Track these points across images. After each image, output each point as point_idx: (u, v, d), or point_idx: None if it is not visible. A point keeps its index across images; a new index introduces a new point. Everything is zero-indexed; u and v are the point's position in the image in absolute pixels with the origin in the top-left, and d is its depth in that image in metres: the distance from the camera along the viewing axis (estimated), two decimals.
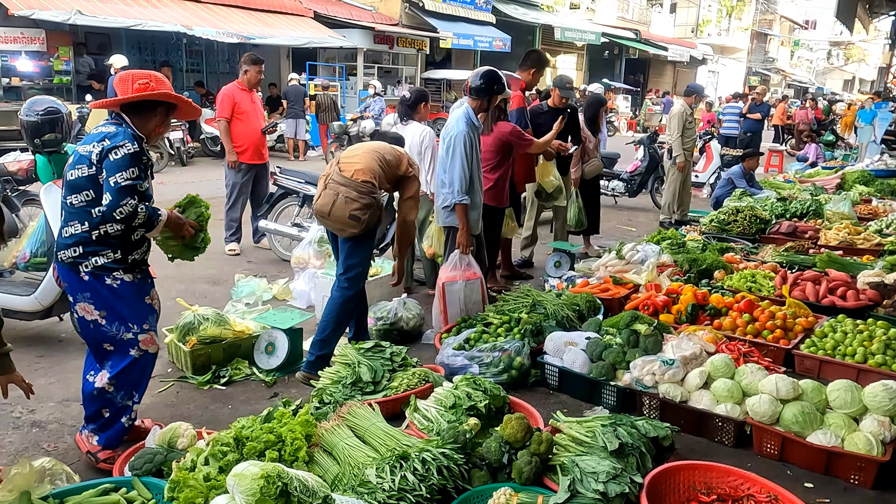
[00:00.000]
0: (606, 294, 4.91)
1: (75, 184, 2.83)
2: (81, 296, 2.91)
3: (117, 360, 2.99)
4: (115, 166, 2.75)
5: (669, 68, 34.87)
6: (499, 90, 4.61)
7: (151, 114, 2.94)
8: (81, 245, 2.85)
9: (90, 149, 2.81)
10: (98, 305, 2.90)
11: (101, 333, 2.95)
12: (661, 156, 10.14)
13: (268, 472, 2.06)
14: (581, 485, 2.60)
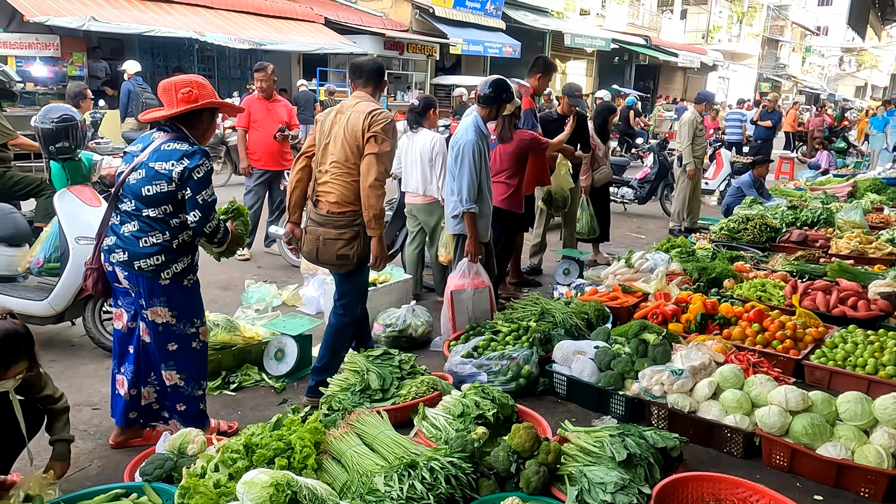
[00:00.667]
0: (615, 302, 4.91)
1: (154, 198, 2.99)
2: (157, 300, 3.07)
3: (181, 355, 3.20)
4: (199, 185, 2.98)
5: (680, 74, 34.81)
6: (507, 98, 4.63)
7: (199, 120, 3.11)
8: (163, 253, 3.03)
9: (169, 167, 2.96)
10: (171, 307, 3.10)
11: (170, 334, 3.14)
12: (670, 163, 10.13)
13: (277, 480, 2.07)
14: (589, 495, 2.60)
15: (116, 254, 3.06)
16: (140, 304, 3.12)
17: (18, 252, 4.49)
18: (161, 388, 3.28)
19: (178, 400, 3.27)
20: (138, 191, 2.99)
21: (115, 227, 3.10)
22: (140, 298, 3.10)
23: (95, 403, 3.80)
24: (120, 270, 3.08)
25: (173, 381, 3.23)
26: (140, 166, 3.02)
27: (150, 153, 3.01)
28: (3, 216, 4.49)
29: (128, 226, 3.04)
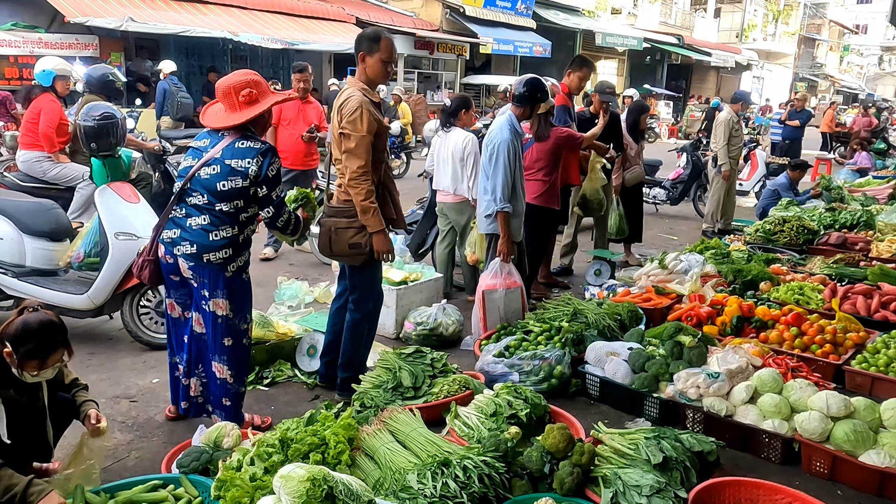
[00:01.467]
0: (648, 304, 4.85)
1: (228, 193, 3.08)
2: (220, 292, 3.16)
3: (234, 351, 3.27)
4: (273, 182, 3.12)
5: (713, 74, 34.26)
6: (542, 98, 4.61)
7: (259, 117, 3.17)
8: (231, 247, 3.13)
9: (245, 164, 3.06)
10: (231, 300, 3.19)
11: (227, 328, 3.22)
12: (704, 163, 9.98)
13: (314, 475, 2.09)
14: (624, 497, 2.57)
15: (183, 247, 3.13)
16: (203, 296, 3.19)
17: (59, 247, 4.60)
18: (208, 381, 3.36)
19: (225, 394, 3.34)
20: (213, 186, 3.07)
21: (179, 221, 3.16)
22: (203, 289, 3.17)
23: (133, 396, 3.87)
24: (185, 262, 3.14)
25: (224, 376, 3.30)
26: (213, 162, 3.08)
27: (224, 150, 3.08)
28: (44, 211, 4.61)
29: (196, 219, 3.11)
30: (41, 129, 5.77)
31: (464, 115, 5.42)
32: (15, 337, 2.49)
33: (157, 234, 3.25)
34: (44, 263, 4.52)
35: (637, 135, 7.00)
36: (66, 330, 2.64)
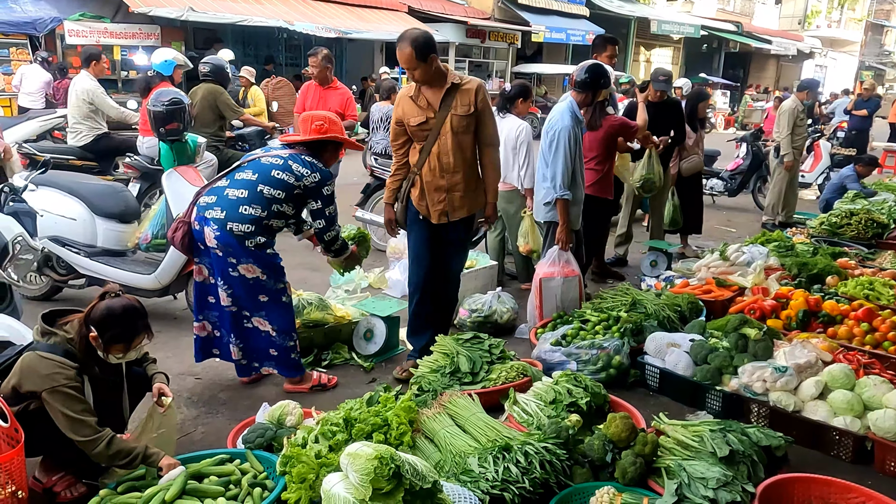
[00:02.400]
0: (709, 296, 4.74)
1: (276, 181, 3.40)
2: (245, 260, 3.41)
3: (272, 306, 3.53)
4: (328, 200, 3.51)
5: (772, 63, 33.09)
6: (604, 84, 4.53)
7: (324, 149, 3.58)
8: (254, 225, 3.39)
9: (304, 172, 3.43)
10: (260, 266, 3.45)
11: (260, 286, 3.48)
12: (765, 154, 9.66)
13: (381, 454, 2.11)
14: (689, 490, 2.53)
15: (213, 211, 3.39)
16: (230, 263, 3.43)
17: (128, 228, 4.77)
18: (248, 339, 3.59)
19: (271, 345, 3.58)
20: (268, 170, 3.40)
21: (219, 190, 3.47)
22: (230, 258, 3.42)
23: (198, 373, 3.99)
24: (211, 231, 3.37)
25: (266, 329, 3.55)
26: (278, 157, 3.44)
27: (292, 155, 3.46)
28: (115, 194, 4.78)
29: (237, 191, 3.40)
30: None
31: (521, 103, 5.36)
32: (100, 322, 2.60)
33: (195, 199, 3.52)
34: (113, 244, 4.69)
35: (695, 123, 6.80)
36: (147, 314, 2.74)
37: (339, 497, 2.11)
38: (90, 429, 2.52)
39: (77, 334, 2.62)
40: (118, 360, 2.68)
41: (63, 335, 2.61)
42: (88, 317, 2.63)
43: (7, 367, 2.66)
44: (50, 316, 2.71)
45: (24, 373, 2.54)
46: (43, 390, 2.50)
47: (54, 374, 2.50)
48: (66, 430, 2.51)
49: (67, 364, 2.54)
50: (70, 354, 2.59)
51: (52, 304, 4.92)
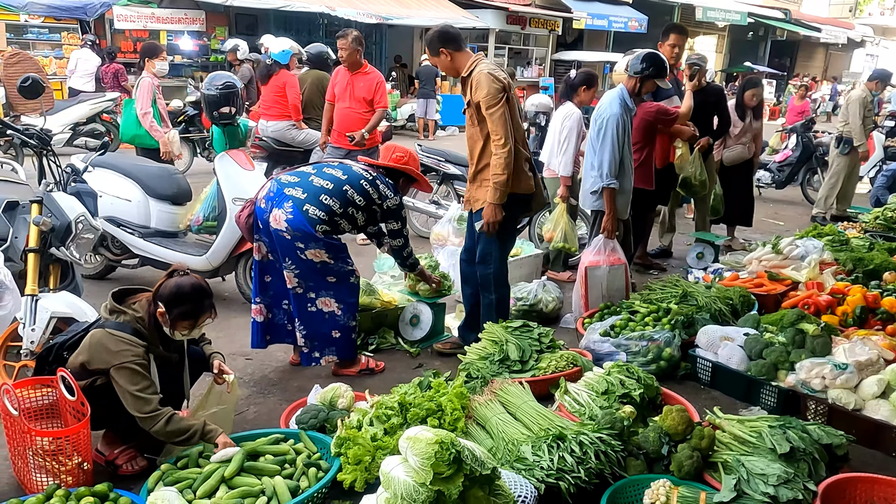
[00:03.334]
0: (760, 290, 4.63)
1: (362, 190, 3.55)
2: (314, 244, 3.48)
3: (340, 287, 3.61)
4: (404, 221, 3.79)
5: (820, 51, 32.08)
6: (656, 74, 4.44)
7: (398, 180, 3.75)
8: (328, 216, 3.47)
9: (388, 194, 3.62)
10: (328, 250, 3.51)
11: (328, 269, 3.55)
12: (816, 145, 9.39)
13: (442, 439, 2.12)
14: (748, 486, 2.48)
15: (294, 190, 3.48)
16: (298, 247, 3.48)
17: (180, 210, 4.86)
18: (313, 323, 3.64)
19: (335, 327, 3.64)
20: (357, 178, 3.56)
21: (304, 174, 3.57)
22: (298, 242, 3.46)
23: (248, 354, 4.06)
24: (284, 209, 3.43)
25: (331, 308, 3.62)
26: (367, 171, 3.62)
27: (378, 175, 3.64)
28: (168, 177, 4.86)
29: (322, 181, 3.51)
30: (291, 101, 6.53)
31: (583, 91, 5.27)
32: (169, 298, 2.65)
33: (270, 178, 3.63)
34: (166, 226, 4.78)
35: (743, 112, 6.57)
36: (213, 294, 2.80)
37: (399, 480, 2.13)
38: (152, 406, 2.58)
39: (145, 311, 2.68)
40: (183, 336, 2.74)
41: (132, 314, 2.67)
42: (157, 293, 2.68)
43: (74, 342, 2.74)
44: (119, 294, 2.78)
45: (93, 349, 2.61)
46: (111, 367, 2.56)
47: (123, 351, 2.57)
48: (129, 405, 2.58)
49: (136, 342, 2.61)
50: (138, 333, 2.65)
51: (106, 282, 5.05)
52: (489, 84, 3.45)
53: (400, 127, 15.03)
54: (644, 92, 4.54)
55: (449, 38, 3.63)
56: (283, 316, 3.77)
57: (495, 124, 3.47)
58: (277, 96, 6.56)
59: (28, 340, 3.09)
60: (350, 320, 3.68)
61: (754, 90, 6.56)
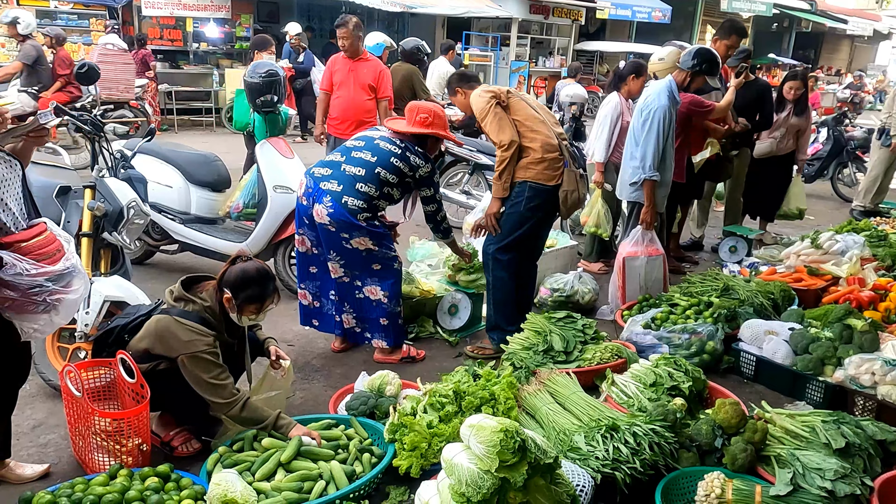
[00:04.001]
0: (799, 284, 4.60)
1: (394, 168, 3.57)
2: (357, 233, 3.54)
3: (385, 274, 3.68)
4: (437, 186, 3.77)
5: (846, 43, 31.57)
6: (708, 71, 4.41)
7: (425, 141, 3.71)
8: (367, 202, 3.53)
9: (419, 163, 3.62)
10: (372, 238, 3.58)
11: (373, 257, 3.63)
12: (847, 139, 9.27)
13: (506, 427, 2.13)
14: (804, 480, 2.48)
15: (330, 184, 3.52)
16: (342, 238, 3.56)
17: (220, 197, 4.90)
18: (362, 309, 3.75)
19: (382, 315, 3.73)
20: (387, 156, 3.56)
21: (335, 164, 3.61)
22: (342, 232, 3.54)
23: (290, 340, 4.10)
24: (324, 204, 3.51)
25: (377, 297, 3.69)
26: (394, 145, 3.60)
27: (407, 145, 3.61)
28: (207, 163, 4.90)
29: (354, 168, 3.55)
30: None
31: (632, 80, 5.22)
32: (235, 284, 2.69)
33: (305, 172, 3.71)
34: (206, 212, 4.82)
35: (781, 105, 6.46)
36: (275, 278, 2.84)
37: (463, 467, 2.15)
38: (228, 391, 2.63)
39: (213, 300, 2.71)
40: (250, 321, 2.78)
41: (201, 303, 2.71)
42: (222, 280, 2.72)
43: (135, 326, 2.78)
44: (185, 283, 2.81)
45: (161, 337, 2.65)
46: (181, 355, 2.60)
47: (194, 341, 2.61)
48: (204, 393, 2.63)
49: (206, 331, 2.65)
50: (206, 322, 2.69)
51: (145, 267, 5.10)
52: (476, 101, 3.71)
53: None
54: (693, 87, 4.50)
55: (463, 78, 3.96)
56: (332, 306, 3.83)
57: (490, 132, 3.70)
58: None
59: (82, 323, 3.14)
60: (395, 306, 3.72)
61: (793, 83, 6.26)
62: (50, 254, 2.33)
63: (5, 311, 2.24)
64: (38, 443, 2.94)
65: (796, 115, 6.07)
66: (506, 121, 3.65)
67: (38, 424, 3.07)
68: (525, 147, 3.68)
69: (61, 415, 3.06)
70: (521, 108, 3.74)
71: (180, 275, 2.86)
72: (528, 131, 3.70)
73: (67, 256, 2.36)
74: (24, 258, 2.23)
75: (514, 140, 3.64)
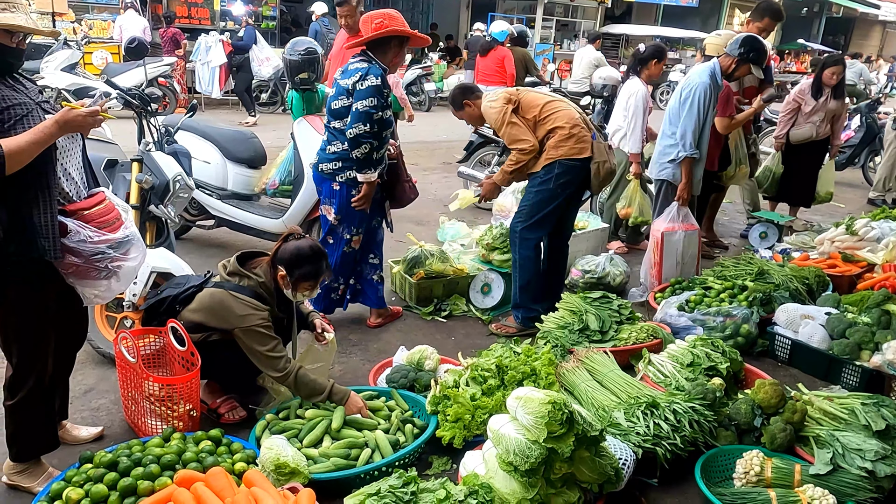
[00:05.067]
0: (834, 270, 4.58)
1: (338, 112, 3.46)
2: (329, 201, 3.61)
3: (332, 250, 3.69)
4: (360, 95, 3.36)
5: (877, 29, 30.86)
6: (755, 60, 4.36)
7: (387, 47, 3.46)
8: (341, 160, 3.50)
9: (348, 82, 3.39)
10: (337, 209, 3.60)
11: (331, 230, 3.69)
12: (880, 126, 9.12)
13: (554, 399, 2.18)
14: (843, 460, 2.51)
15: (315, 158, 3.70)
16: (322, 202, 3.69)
17: (256, 173, 4.96)
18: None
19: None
20: (330, 105, 3.50)
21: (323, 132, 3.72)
22: (321, 196, 3.68)
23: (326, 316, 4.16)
24: (314, 173, 3.69)
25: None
26: (335, 85, 3.49)
27: (341, 72, 3.50)
28: (245, 140, 4.96)
29: (326, 135, 3.60)
30: (508, 71, 7.97)
31: (654, 65, 5.19)
32: (290, 261, 2.76)
33: None
34: (242, 188, 4.89)
35: (818, 90, 6.36)
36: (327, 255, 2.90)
37: (510, 437, 2.20)
38: (283, 363, 2.71)
39: (267, 276, 2.78)
40: (304, 297, 2.85)
41: (256, 278, 2.78)
42: (276, 257, 2.78)
43: (186, 297, 2.85)
44: (239, 258, 2.88)
45: (217, 310, 2.72)
46: (236, 328, 2.68)
47: (249, 315, 2.68)
48: (261, 364, 2.71)
49: (260, 306, 2.72)
50: (260, 297, 2.76)
51: (181, 242, 5.19)
52: (490, 111, 3.73)
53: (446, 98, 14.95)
54: (737, 75, 4.45)
55: (467, 90, 3.93)
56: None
57: (510, 140, 3.70)
58: (497, 67, 8.01)
59: (131, 293, 3.22)
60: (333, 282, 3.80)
61: (835, 68, 6.10)
62: (110, 222, 2.39)
63: (69, 277, 2.31)
64: (90, 407, 3.04)
65: (834, 100, 5.98)
66: (521, 126, 3.68)
67: (90, 389, 3.17)
68: (551, 130, 3.68)
69: (111, 381, 3.17)
70: (533, 99, 3.76)
71: (216, 250, 2.93)
72: (549, 114, 3.70)
73: (126, 225, 2.43)
74: (86, 225, 2.30)
75: (534, 145, 3.67)
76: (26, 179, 2.12)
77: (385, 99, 3.44)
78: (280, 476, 2.31)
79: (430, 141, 10.52)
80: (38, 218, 2.15)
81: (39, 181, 2.16)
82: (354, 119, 3.34)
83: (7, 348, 2.31)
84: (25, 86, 2.26)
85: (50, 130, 2.13)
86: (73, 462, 2.42)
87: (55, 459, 2.54)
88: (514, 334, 3.94)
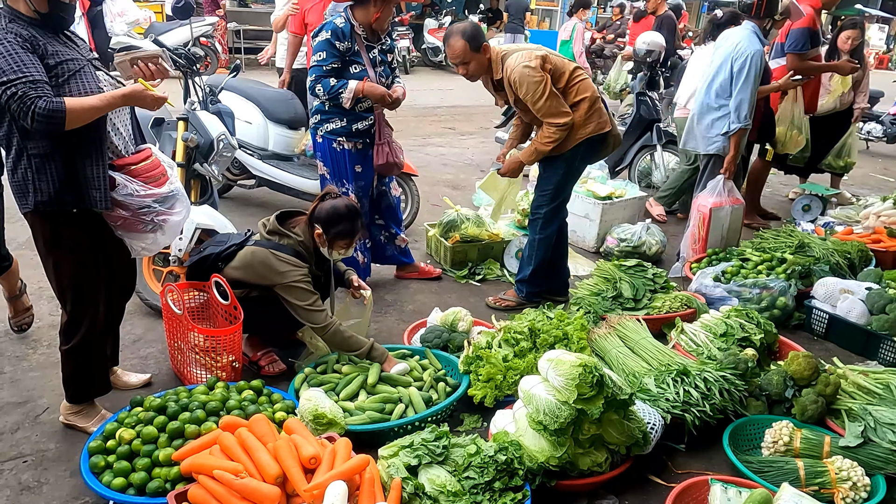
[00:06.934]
0: (878, 245, 4.48)
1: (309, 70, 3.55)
2: (318, 154, 3.75)
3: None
4: (314, 49, 3.49)
5: None
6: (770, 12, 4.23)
7: (367, 4, 3.45)
8: (319, 114, 3.63)
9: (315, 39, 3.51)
10: (325, 163, 3.72)
11: (325, 185, 3.68)
12: None
13: (585, 362, 2.22)
14: (874, 434, 2.50)
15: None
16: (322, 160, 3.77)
17: (296, 135, 5.02)
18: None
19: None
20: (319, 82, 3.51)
21: None
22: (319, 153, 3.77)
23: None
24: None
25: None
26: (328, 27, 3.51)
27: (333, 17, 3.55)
28: (285, 101, 5.01)
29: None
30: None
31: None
32: (327, 219, 2.82)
33: None
34: (282, 149, 4.96)
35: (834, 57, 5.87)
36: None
37: (541, 398, 2.25)
38: (323, 317, 2.80)
39: (306, 235, 2.86)
40: (340, 255, 2.92)
41: (295, 237, 2.86)
42: (313, 216, 2.85)
43: (229, 254, 2.95)
44: (279, 217, 2.96)
45: (257, 267, 2.82)
46: (278, 284, 2.77)
47: (290, 272, 2.77)
48: (302, 318, 2.81)
49: (299, 263, 2.81)
50: (299, 255, 2.84)
51: (222, 200, 5.32)
52: (527, 77, 3.26)
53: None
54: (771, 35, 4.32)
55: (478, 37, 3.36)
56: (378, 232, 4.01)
57: (548, 111, 3.31)
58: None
59: (176, 248, 3.34)
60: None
61: (851, 32, 5.64)
62: (156, 177, 2.47)
63: (118, 229, 2.41)
64: (138, 355, 3.19)
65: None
66: (560, 98, 3.33)
67: (138, 339, 3.32)
68: (577, 101, 3.39)
69: (158, 331, 3.31)
70: (560, 63, 3.40)
71: (256, 208, 3.00)
72: (576, 83, 3.40)
73: (171, 180, 2.51)
74: (134, 180, 2.39)
75: (573, 120, 3.36)
76: (80, 134, 2.20)
77: (339, 52, 3.44)
78: (318, 426, 2.41)
79: (467, 105, 10.46)
80: (90, 171, 2.25)
81: (92, 136, 2.25)
82: (309, 72, 3.55)
83: (62, 295, 2.44)
84: (77, 43, 2.33)
85: (114, 101, 2.22)
86: (124, 406, 2.55)
87: (107, 403, 2.69)
88: (512, 308, 3.82)
